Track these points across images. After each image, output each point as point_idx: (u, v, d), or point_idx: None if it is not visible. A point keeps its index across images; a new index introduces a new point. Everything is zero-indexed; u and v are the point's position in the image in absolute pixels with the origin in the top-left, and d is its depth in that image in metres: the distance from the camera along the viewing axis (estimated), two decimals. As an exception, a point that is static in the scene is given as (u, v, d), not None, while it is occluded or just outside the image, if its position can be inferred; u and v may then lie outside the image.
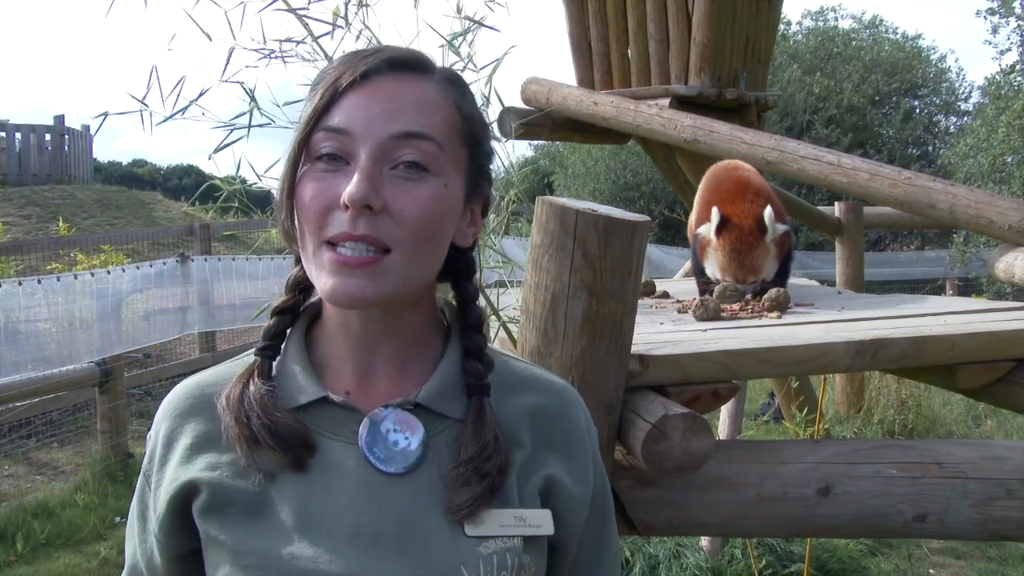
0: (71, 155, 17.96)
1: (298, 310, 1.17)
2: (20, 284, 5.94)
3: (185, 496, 1.07)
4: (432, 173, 1.05)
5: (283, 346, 1.15)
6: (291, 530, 1.02)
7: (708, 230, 2.80)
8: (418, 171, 1.03)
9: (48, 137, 17.56)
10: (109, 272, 6.70)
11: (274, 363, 1.14)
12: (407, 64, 1.08)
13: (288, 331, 1.16)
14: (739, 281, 2.73)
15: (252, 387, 1.08)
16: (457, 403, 1.12)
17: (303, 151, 1.05)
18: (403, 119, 1.03)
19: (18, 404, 6.68)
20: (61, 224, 11.22)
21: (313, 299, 1.19)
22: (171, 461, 1.10)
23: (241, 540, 1.03)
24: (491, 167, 1.19)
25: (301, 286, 1.17)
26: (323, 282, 1.03)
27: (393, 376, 1.13)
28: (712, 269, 2.83)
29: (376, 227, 1.01)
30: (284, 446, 1.04)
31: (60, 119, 17.76)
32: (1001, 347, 1.91)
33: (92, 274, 6.53)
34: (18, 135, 17.14)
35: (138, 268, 7.16)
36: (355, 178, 1.00)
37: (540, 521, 1.10)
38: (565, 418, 1.18)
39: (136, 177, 33.93)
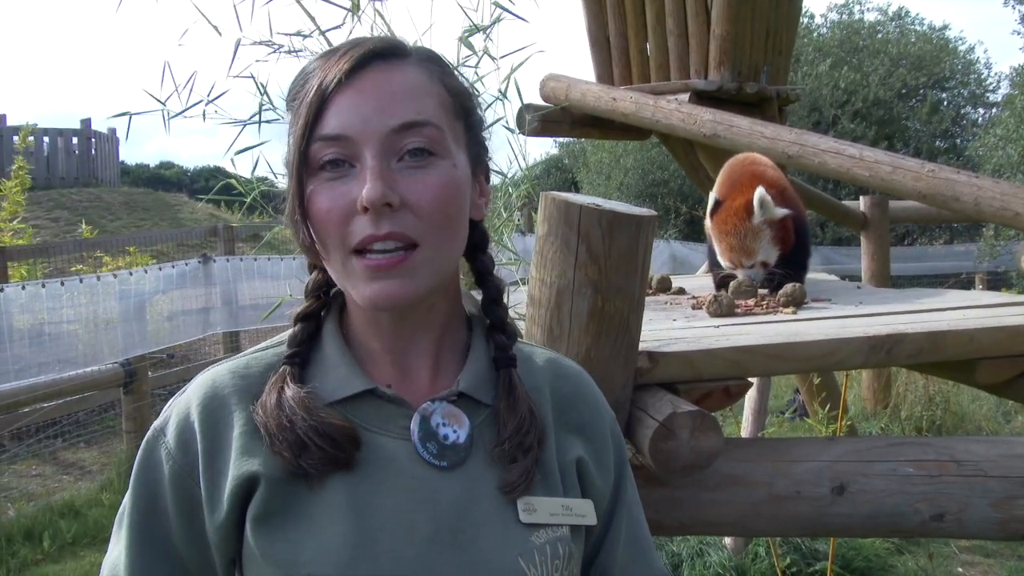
0: (98, 158, 18.13)
1: (321, 314, 1.15)
2: (44, 287, 5.98)
3: (248, 491, 1.03)
4: (439, 156, 1.04)
5: (321, 338, 1.13)
6: (346, 532, 1.00)
7: (707, 219, 2.81)
8: (425, 157, 1.03)
9: (75, 140, 17.73)
10: (131, 274, 6.74)
11: (308, 358, 1.11)
12: (386, 53, 1.06)
13: (316, 329, 1.15)
14: (735, 264, 2.71)
15: (289, 391, 1.05)
16: (490, 388, 1.12)
17: (304, 165, 1.03)
18: (398, 110, 1.02)
19: (45, 405, 6.73)
20: (84, 226, 11.31)
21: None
22: (224, 453, 1.04)
23: (295, 549, 1.00)
24: (484, 133, 1.18)
25: (322, 290, 1.16)
26: (359, 291, 1.03)
27: (430, 367, 1.13)
28: (719, 258, 2.84)
29: (399, 222, 1.00)
30: (334, 445, 1.02)
31: (87, 122, 17.92)
32: (1022, 342, 1.87)
33: (115, 275, 6.57)
34: (46, 139, 17.31)
35: (160, 269, 7.19)
36: (368, 179, 0.99)
37: (585, 511, 1.12)
38: (581, 399, 1.19)
39: (163, 179, 34.18)
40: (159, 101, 1.92)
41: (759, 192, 2.67)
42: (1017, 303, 2.27)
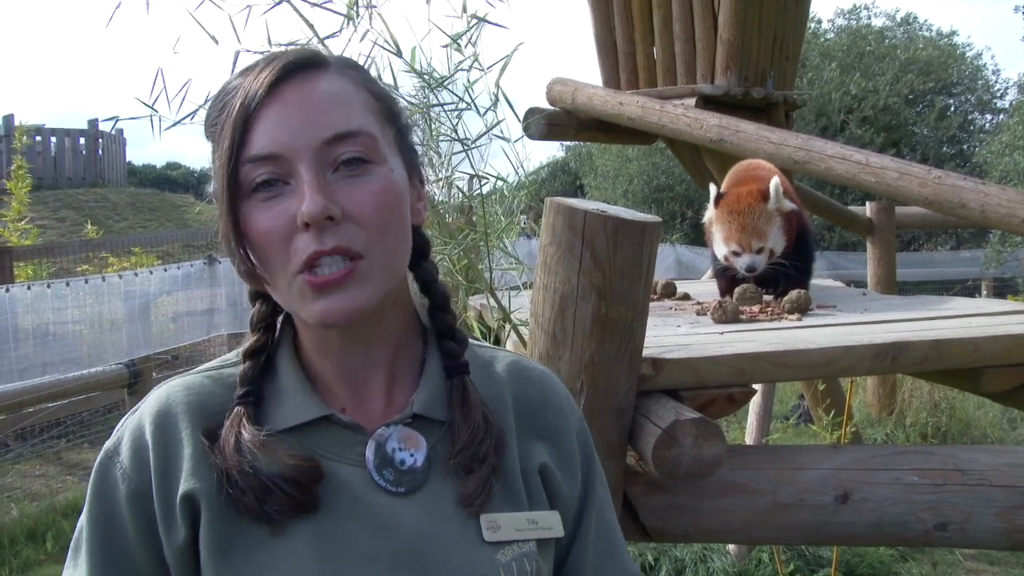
0: (105, 158, 18.23)
1: (266, 349, 1.11)
2: (49, 287, 6.00)
3: (196, 512, 1.00)
4: (374, 163, 1.01)
5: (275, 365, 1.10)
6: (307, 563, 0.98)
7: (709, 209, 2.75)
8: (360, 165, 1.00)
9: (82, 141, 17.84)
10: (137, 275, 6.76)
11: (262, 392, 1.08)
12: (306, 64, 1.03)
13: (269, 358, 1.11)
14: (743, 247, 2.65)
15: (246, 434, 1.01)
16: (446, 404, 1.10)
17: (235, 188, 0.99)
18: (327, 121, 0.99)
19: (49, 405, 6.74)
20: (90, 227, 11.35)
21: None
22: (176, 471, 1.01)
23: None
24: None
25: (266, 323, 1.12)
26: (309, 309, 1.00)
27: (385, 386, 1.10)
28: (719, 247, 2.75)
29: (342, 235, 0.97)
30: (299, 489, 0.99)
31: (94, 123, 18.00)
32: (1027, 350, 1.86)
33: (120, 276, 6.59)
34: (53, 139, 17.41)
35: (166, 270, 7.21)
36: (307, 195, 0.96)
37: (551, 523, 1.10)
38: (545, 403, 1.17)
39: (170, 180, 34.18)
40: (149, 107, 1.92)
41: (776, 180, 2.65)
42: (1021, 311, 2.26)
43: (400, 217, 1.04)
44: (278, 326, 1.14)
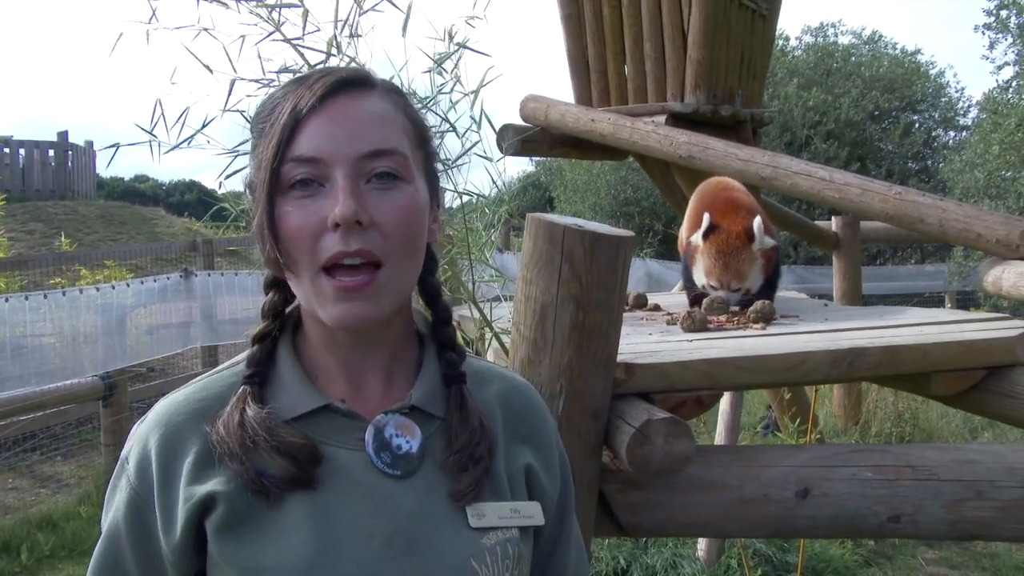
0: (74, 171, 18.01)
1: (276, 334, 1.21)
2: (27, 299, 6.01)
3: (202, 512, 1.08)
4: (404, 180, 1.11)
5: (275, 358, 1.20)
6: (307, 539, 1.06)
7: (697, 236, 2.83)
8: (391, 180, 1.10)
9: (51, 153, 17.61)
10: (114, 287, 6.77)
11: (266, 377, 1.17)
12: (355, 82, 1.13)
13: (275, 345, 1.21)
14: (723, 285, 2.74)
15: (250, 411, 1.10)
16: (441, 402, 1.20)
17: (275, 183, 1.09)
18: (368, 138, 1.09)
19: (22, 417, 6.72)
20: (63, 239, 11.31)
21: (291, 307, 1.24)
22: (176, 480, 1.10)
23: (258, 556, 1.06)
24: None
25: (276, 311, 1.22)
26: (327, 311, 1.09)
27: (383, 382, 1.19)
28: (699, 275, 2.84)
29: (366, 240, 1.06)
30: (296, 464, 1.08)
31: (63, 135, 17.83)
32: (972, 356, 1.98)
33: (97, 289, 6.60)
34: (22, 151, 17.19)
35: (142, 283, 7.23)
36: (340, 198, 1.05)
37: (532, 512, 1.20)
38: (531, 411, 1.28)
39: (139, 192, 34.04)
40: (150, 133, 2.01)
41: (758, 221, 2.76)
42: (970, 320, 2.38)
43: (419, 233, 1.13)
44: (284, 316, 1.24)
